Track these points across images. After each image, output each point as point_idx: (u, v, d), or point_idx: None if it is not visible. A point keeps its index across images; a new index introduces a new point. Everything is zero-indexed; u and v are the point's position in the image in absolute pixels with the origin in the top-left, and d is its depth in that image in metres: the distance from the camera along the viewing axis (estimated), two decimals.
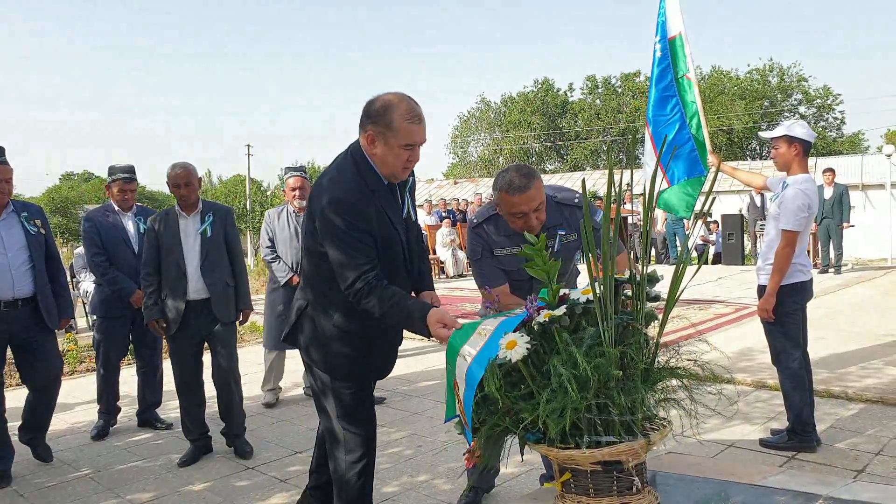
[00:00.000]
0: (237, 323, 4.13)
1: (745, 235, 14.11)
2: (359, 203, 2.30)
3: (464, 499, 3.08)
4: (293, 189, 4.94)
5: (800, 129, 3.55)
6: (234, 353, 4.02)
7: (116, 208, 4.43)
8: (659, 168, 5.68)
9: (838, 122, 37.19)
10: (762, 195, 13.18)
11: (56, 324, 3.85)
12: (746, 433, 3.89)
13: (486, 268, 2.76)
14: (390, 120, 2.26)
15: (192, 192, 3.87)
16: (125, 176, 4.41)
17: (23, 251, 3.70)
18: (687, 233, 13.63)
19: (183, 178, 3.84)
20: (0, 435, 3.69)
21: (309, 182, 5.03)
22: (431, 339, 2.23)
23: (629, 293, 1.73)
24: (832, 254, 11.23)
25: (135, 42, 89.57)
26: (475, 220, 2.83)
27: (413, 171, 2.56)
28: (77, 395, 5.57)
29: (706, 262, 13.55)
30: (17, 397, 3.87)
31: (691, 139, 5.86)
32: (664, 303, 1.72)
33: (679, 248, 14.58)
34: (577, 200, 2.73)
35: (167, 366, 4.06)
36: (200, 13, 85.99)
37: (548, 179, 27.23)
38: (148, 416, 4.60)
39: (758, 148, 37.32)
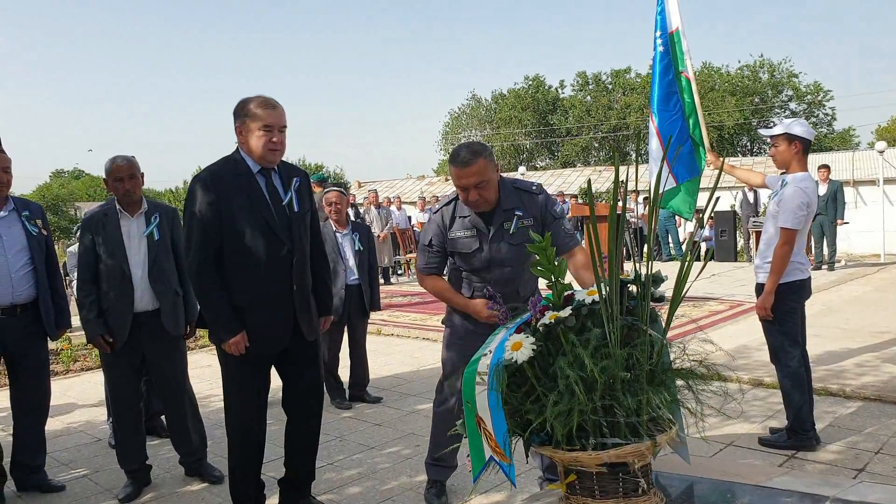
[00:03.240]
0: (185, 336, 3.69)
1: (737, 232, 14.14)
2: (213, 179, 2.74)
3: (429, 494, 3.22)
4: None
5: (799, 128, 3.54)
6: (184, 369, 3.63)
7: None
8: (666, 165, 5.71)
9: (829, 118, 37.36)
10: (755, 192, 13.21)
11: (55, 333, 3.58)
12: (744, 431, 3.89)
13: (430, 255, 3.02)
14: (247, 110, 2.74)
15: (136, 186, 3.45)
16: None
17: (23, 253, 3.44)
18: (690, 230, 13.68)
19: (126, 171, 3.41)
20: None
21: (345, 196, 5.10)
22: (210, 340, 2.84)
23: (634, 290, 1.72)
24: (825, 250, 11.28)
25: (124, 38, 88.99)
26: (436, 207, 3.06)
27: (307, 175, 3.03)
28: (72, 396, 5.52)
29: (711, 259, 13.58)
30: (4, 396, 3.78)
31: (689, 139, 5.87)
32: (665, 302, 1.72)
33: (671, 245, 14.64)
34: (533, 188, 2.97)
35: None
36: (191, 9, 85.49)
37: (538, 176, 27.23)
38: (154, 424, 4.45)
39: (748, 144, 37.46)
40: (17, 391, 3.54)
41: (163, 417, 4.53)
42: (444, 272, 3.13)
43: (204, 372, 6.14)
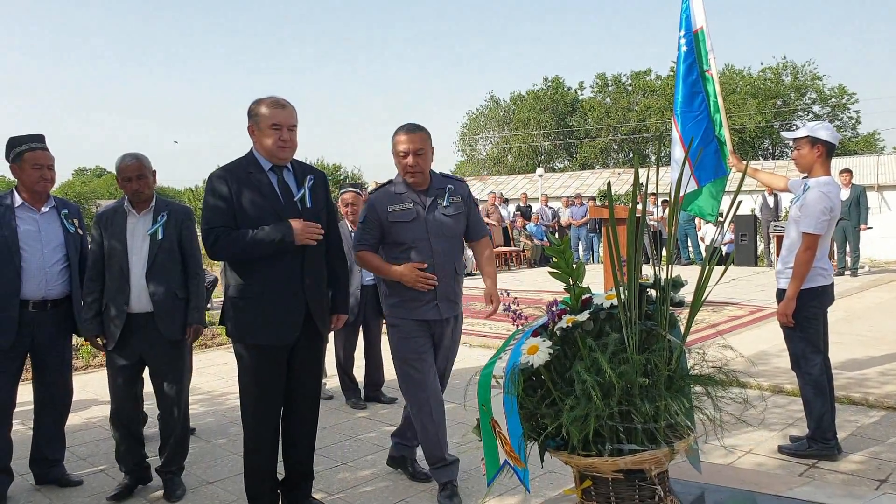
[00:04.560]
0: (186, 341, 3.53)
1: (758, 236, 13.98)
2: (227, 175, 2.86)
3: (442, 497, 3.20)
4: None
5: (824, 131, 3.49)
6: (181, 377, 3.47)
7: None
8: (688, 167, 5.66)
9: (853, 121, 36.85)
10: (775, 196, 13.05)
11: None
12: (764, 439, 3.84)
13: (365, 232, 3.23)
14: (258, 110, 2.87)
15: (145, 185, 3.40)
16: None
17: (59, 250, 3.49)
18: (702, 235, 13.55)
19: (134, 171, 3.37)
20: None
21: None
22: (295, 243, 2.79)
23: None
24: (848, 256, 11.11)
25: (139, 38, 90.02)
26: (375, 189, 3.30)
27: (324, 175, 3.12)
28: (91, 391, 5.58)
29: (731, 264, 13.44)
30: (25, 391, 3.80)
31: (715, 139, 5.82)
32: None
33: (690, 249, 14.51)
34: (459, 178, 3.45)
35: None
36: (207, 11, 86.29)
37: (557, 177, 27.18)
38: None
39: (770, 147, 37.06)
40: (40, 387, 3.57)
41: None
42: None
43: (220, 369, 6.18)
